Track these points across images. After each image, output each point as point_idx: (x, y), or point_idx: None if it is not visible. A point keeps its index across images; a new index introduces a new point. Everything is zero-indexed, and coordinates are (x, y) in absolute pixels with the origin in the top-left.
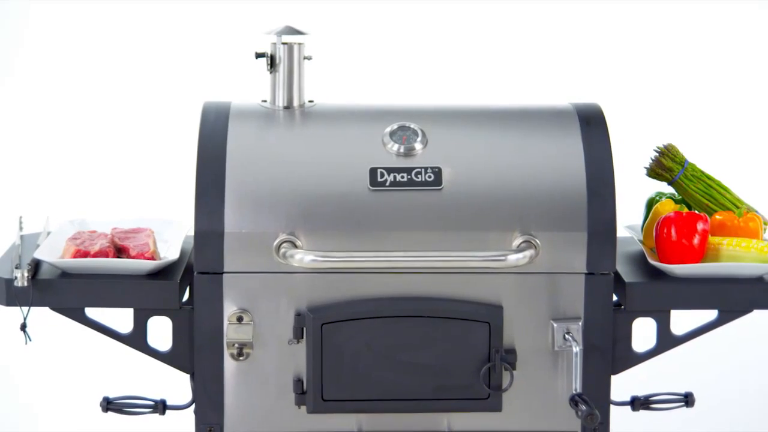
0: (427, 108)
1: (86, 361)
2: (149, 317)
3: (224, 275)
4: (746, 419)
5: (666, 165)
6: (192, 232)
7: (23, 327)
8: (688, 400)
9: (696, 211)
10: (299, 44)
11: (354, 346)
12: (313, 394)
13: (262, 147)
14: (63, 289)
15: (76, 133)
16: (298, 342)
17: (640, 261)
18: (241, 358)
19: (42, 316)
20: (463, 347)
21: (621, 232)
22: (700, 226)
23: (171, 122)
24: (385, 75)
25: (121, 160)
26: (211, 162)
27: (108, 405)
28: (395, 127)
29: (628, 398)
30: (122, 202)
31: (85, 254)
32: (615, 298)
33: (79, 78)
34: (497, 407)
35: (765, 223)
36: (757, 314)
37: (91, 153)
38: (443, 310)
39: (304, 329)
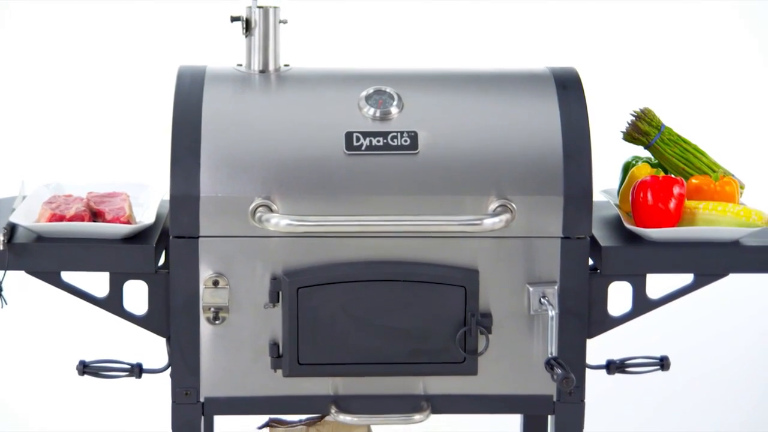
0: (403, 72)
1: (62, 325)
2: (125, 281)
3: (200, 239)
4: (721, 382)
5: (642, 129)
6: (167, 197)
7: None
8: (663, 363)
9: (672, 175)
10: (275, 8)
11: (330, 310)
12: (289, 357)
13: (237, 111)
14: (39, 253)
15: (52, 97)
16: (274, 306)
17: (616, 225)
18: (217, 322)
19: (18, 280)
20: (438, 311)
21: (597, 196)
22: (676, 190)
23: (146, 86)
24: (361, 39)
25: (96, 125)
26: (187, 126)
27: (84, 368)
28: (371, 91)
29: (603, 362)
30: (98, 167)
31: (61, 218)
32: (591, 262)
33: (54, 42)
34: (473, 371)
35: (741, 187)
36: (732, 278)
37: (66, 117)
38: (419, 274)
39: (280, 293)
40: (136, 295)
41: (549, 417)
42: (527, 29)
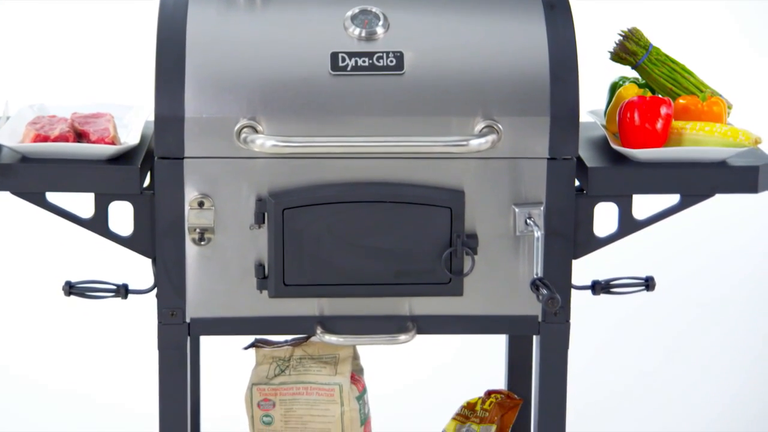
0: None
1: (48, 246)
2: (110, 202)
3: (185, 160)
4: (706, 301)
5: (630, 49)
6: (152, 118)
7: None
8: (648, 284)
9: (659, 96)
10: None
11: (315, 231)
12: (275, 278)
13: (222, 31)
14: (23, 174)
15: (35, 17)
16: (259, 227)
17: (602, 146)
18: (202, 243)
19: (2, 201)
20: (424, 232)
21: (584, 117)
22: (663, 110)
23: (130, 6)
24: None
25: (80, 45)
26: (171, 46)
27: (70, 289)
28: (356, 11)
29: (588, 282)
30: (82, 87)
31: (45, 139)
32: (577, 182)
33: None
34: (458, 291)
35: (729, 107)
36: (719, 198)
37: (50, 37)
38: (405, 195)
39: (266, 214)
40: (122, 216)
41: (534, 337)
42: None
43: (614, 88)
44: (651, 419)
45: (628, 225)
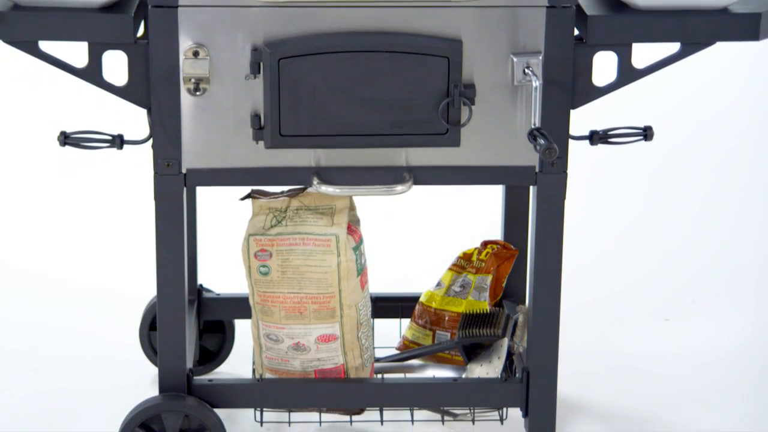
0: None
1: (43, 97)
2: (104, 51)
3: (179, 9)
4: (705, 152)
5: None
6: None
7: None
8: (647, 133)
9: None
10: None
11: (312, 81)
12: (271, 129)
13: None
14: (16, 22)
15: None
16: (255, 77)
17: None
18: (197, 93)
19: None
20: (421, 82)
21: None
22: None
23: None
24: None
25: None
26: None
27: (65, 139)
28: None
29: (587, 132)
30: None
31: None
32: (576, 31)
33: None
34: (455, 142)
35: None
36: (719, 46)
37: None
38: (402, 44)
39: (261, 64)
40: (116, 65)
41: (531, 188)
42: None
43: None
44: (645, 269)
45: (627, 74)
